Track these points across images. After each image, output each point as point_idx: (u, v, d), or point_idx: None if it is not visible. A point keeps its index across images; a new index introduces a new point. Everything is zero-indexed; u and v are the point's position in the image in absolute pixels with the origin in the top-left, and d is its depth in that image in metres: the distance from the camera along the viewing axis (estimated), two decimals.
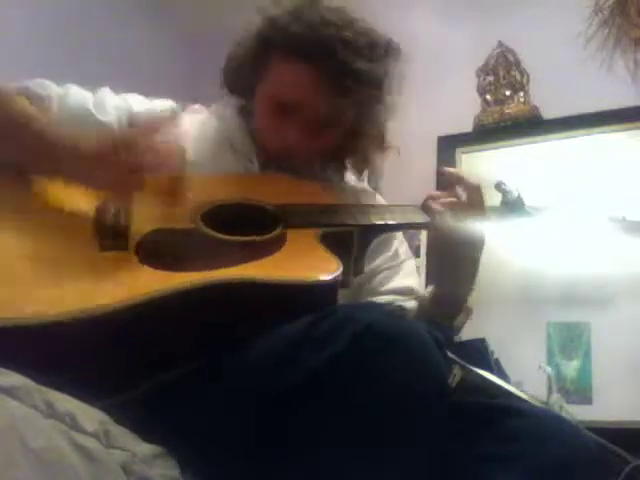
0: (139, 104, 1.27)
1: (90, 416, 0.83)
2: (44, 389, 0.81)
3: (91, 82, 1.26)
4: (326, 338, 0.84)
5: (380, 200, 1.43)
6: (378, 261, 1.32)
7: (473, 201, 1.17)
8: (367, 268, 1.26)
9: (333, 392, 0.81)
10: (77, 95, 1.23)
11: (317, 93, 1.22)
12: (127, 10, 2.42)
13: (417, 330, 0.86)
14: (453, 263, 1.19)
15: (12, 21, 2.13)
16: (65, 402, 0.82)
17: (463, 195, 1.18)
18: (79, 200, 1.07)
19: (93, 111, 1.22)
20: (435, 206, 1.17)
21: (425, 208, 1.19)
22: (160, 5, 2.51)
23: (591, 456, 0.92)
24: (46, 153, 1.04)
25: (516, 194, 1.25)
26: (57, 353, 0.86)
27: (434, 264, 1.22)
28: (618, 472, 1.14)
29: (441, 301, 1.21)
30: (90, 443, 0.79)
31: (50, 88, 1.21)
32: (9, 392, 0.78)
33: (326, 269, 1.01)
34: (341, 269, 1.01)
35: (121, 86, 1.28)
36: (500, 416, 0.94)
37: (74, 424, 0.80)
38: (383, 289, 1.31)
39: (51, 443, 0.76)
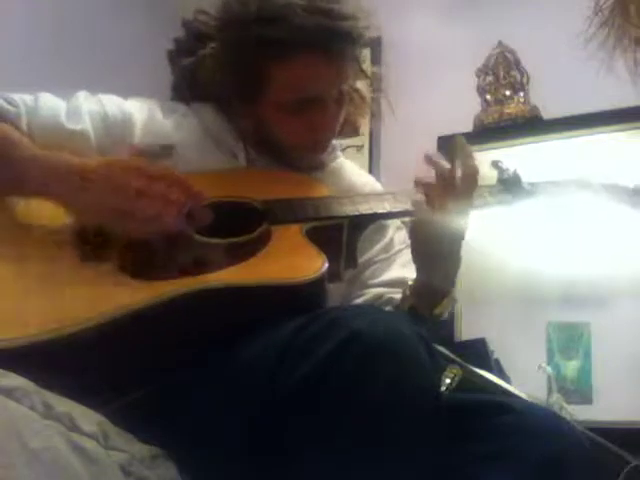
0: (113, 105, 1.23)
1: (89, 417, 0.83)
2: (43, 390, 0.81)
3: (89, 79, 1.24)
4: (312, 343, 0.83)
5: (379, 189, 1.40)
6: (372, 251, 1.29)
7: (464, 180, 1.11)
8: (361, 259, 1.24)
9: (321, 398, 0.81)
10: (48, 106, 1.18)
11: (338, 77, 1.21)
12: (124, 4, 2.43)
13: (404, 335, 0.84)
14: (430, 253, 1.16)
15: (11, 17, 2.13)
16: (64, 403, 0.82)
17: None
18: (59, 212, 1.05)
19: (65, 122, 1.16)
20: (419, 189, 1.14)
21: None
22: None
23: (584, 453, 0.92)
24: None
25: (512, 171, 1.23)
26: (55, 364, 0.86)
27: (413, 253, 1.19)
28: (618, 472, 1.14)
29: (420, 291, 1.19)
30: (89, 444, 0.79)
31: (18, 103, 1.15)
32: (8, 393, 0.78)
33: (310, 267, 0.99)
34: (326, 266, 0.99)
35: (118, 82, 1.26)
36: (492, 412, 0.93)
37: (73, 425, 0.80)
38: (375, 281, 1.28)
39: (50, 444, 0.76)
